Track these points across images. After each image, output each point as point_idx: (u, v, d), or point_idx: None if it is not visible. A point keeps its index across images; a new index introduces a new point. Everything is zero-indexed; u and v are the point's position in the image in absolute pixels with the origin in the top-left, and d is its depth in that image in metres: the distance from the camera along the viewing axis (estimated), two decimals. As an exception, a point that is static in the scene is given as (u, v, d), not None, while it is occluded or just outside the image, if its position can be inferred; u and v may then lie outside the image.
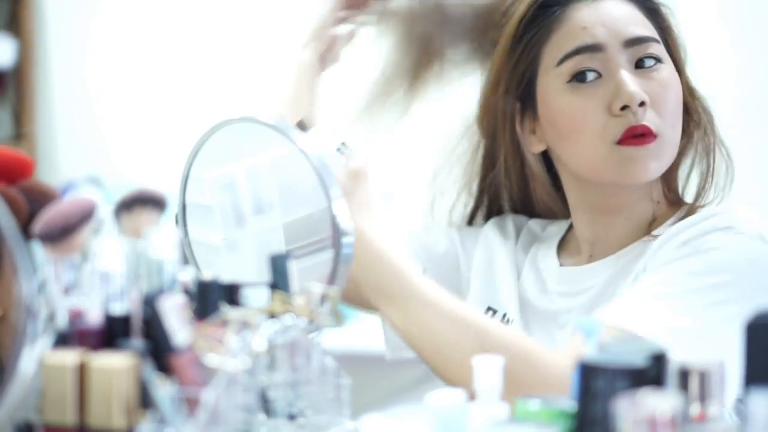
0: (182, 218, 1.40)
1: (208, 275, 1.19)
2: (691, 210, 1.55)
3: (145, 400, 1.02)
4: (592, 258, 1.59)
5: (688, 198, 1.59)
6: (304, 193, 1.34)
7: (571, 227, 1.64)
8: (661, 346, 1.03)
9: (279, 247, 1.36)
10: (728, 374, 1.00)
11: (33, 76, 3.62)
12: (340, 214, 1.32)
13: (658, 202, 1.57)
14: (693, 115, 1.57)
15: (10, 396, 1.01)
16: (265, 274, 1.23)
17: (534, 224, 1.69)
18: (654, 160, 1.50)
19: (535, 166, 1.61)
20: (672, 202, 1.58)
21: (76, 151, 3.59)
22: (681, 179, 1.59)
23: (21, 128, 3.62)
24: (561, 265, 1.61)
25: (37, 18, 3.61)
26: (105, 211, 1.13)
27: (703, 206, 1.56)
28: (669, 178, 1.57)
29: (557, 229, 1.66)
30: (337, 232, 1.32)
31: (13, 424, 1.04)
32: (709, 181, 1.58)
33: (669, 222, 1.54)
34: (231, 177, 1.39)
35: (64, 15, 3.61)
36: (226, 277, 1.19)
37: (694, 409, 0.98)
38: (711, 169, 1.58)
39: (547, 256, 1.63)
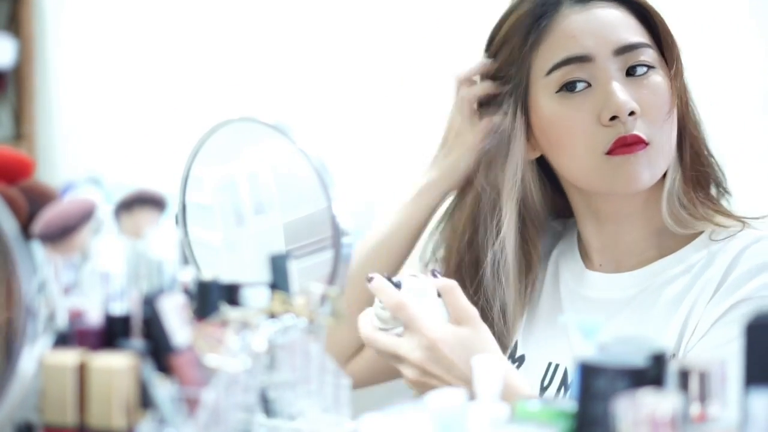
0: (182, 218, 1.40)
1: (208, 275, 1.19)
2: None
3: (145, 400, 1.02)
4: (602, 267, 1.58)
5: None
6: (304, 193, 1.34)
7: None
8: (661, 346, 1.03)
9: (279, 247, 1.36)
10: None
11: (33, 76, 3.62)
12: (340, 214, 1.32)
13: (679, 211, 1.52)
14: (682, 128, 1.54)
15: (10, 396, 1.01)
16: (265, 274, 1.23)
17: (556, 223, 1.67)
18: (646, 168, 1.49)
19: (529, 174, 1.58)
20: (701, 211, 1.53)
21: (76, 151, 3.59)
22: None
23: (21, 128, 3.62)
24: (586, 268, 1.60)
25: (37, 18, 3.61)
26: (105, 211, 1.13)
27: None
28: (687, 185, 1.53)
29: (574, 223, 1.64)
30: (337, 232, 1.32)
31: (13, 424, 1.04)
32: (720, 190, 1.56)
33: (721, 237, 1.51)
34: (231, 177, 1.39)
35: (64, 15, 3.61)
36: (226, 277, 1.19)
37: (694, 409, 0.98)
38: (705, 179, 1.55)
39: (571, 258, 1.62)
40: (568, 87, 1.51)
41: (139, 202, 1.15)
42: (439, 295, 1.44)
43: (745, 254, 1.47)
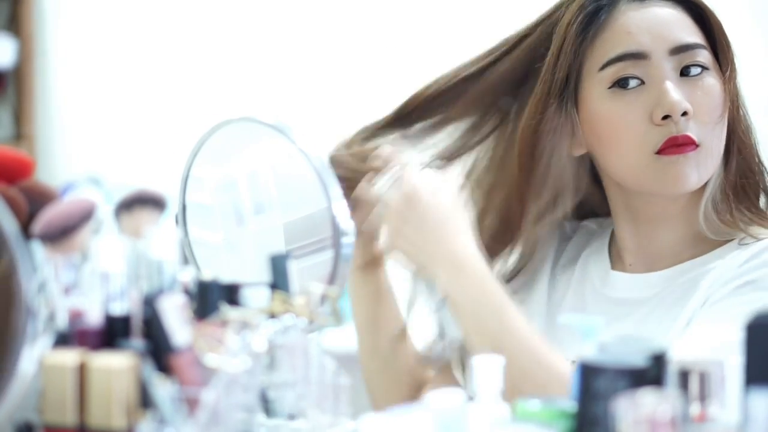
0: (182, 218, 1.40)
1: (208, 275, 1.19)
2: None
3: (145, 400, 1.02)
4: (632, 267, 1.57)
5: None
6: (304, 193, 1.34)
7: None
8: (663, 346, 1.03)
9: (279, 247, 1.36)
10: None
11: (33, 76, 3.62)
12: (340, 214, 1.32)
13: (712, 215, 1.51)
14: (731, 133, 1.52)
15: (10, 396, 1.01)
16: (265, 274, 1.23)
17: (590, 222, 1.66)
18: (694, 170, 1.47)
19: (571, 169, 1.58)
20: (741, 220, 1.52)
21: (76, 151, 3.59)
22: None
23: (21, 128, 3.62)
24: (613, 268, 1.59)
25: (37, 18, 3.61)
26: (105, 211, 1.13)
27: None
28: (727, 192, 1.52)
29: (610, 222, 1.63)
30: (337, 232, 1.32)
31: (13, 424, 1.04)
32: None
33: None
34: (231, 177, 1.39)
35: (64, 15, 3.61)
36: (226, 277, 1.19)
37: (694, 409, 0.98)
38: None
39: (599, 258, 1.61)
40: (621, 83, 1.50)
41: (139, 202, 1.15)
42: None
43: (766, 252, 1.47)
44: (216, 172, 1.40)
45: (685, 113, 1.46)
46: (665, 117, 1.47)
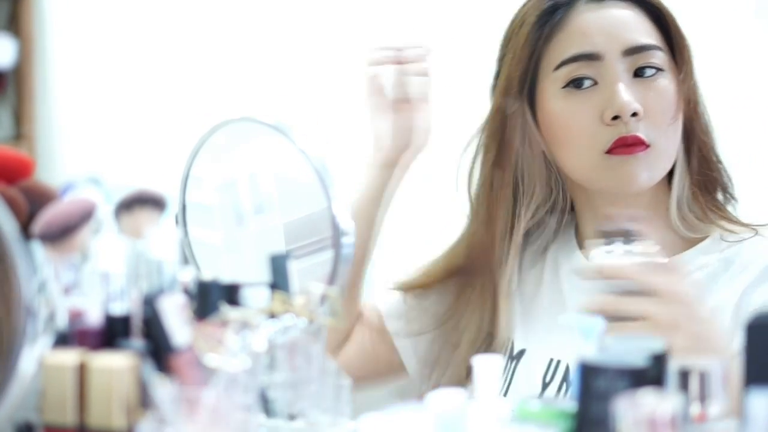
0: (182, 218, 1.40)
1: (208, 275, 1.19)
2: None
3: (145, 400, 1.02)
4: None
5: None
6: (304, 193, 1.34)
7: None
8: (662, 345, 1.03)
9: (279, 247, 1.36)
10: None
11: (33, 76, 3.62)
12: (340, 214, 1.32)
13: (688, 215, 1.53)
14: (690, 132, 1.54)
15: (10, 396, 1.01)
16: (265, 274, 1.23)
17: (550, 218, 1.66)
18: (644, 170, 1.49)
19: (540, 166, 1.58)
20: (711, 216, 1.53)
21: (76, 151, 3.59)
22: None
23: (21, 128, 3.62)
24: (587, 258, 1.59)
25: (37, 18, 3.61)
26: (105, 211, 1.13)
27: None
28: (694, 190, 1.53)
29: (570, 218, 1.63)
30: (337, 232, 1.32)
31: (13, 424, 1.04)
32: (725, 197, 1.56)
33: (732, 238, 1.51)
34: (231, 177, 1.40)
35: (64, 15, 3.61)
36: (226, 277, 1.20)
37: (694, 409, 0.98)
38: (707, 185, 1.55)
39: (570, 253, 1.61)
40: (575, 83, 1.51)
41: (139, 202, 1.15)
42: None
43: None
44: (216, 172, 1.40)
45: (635, 114, 1.48)
46: (615, 117, 1.48)
